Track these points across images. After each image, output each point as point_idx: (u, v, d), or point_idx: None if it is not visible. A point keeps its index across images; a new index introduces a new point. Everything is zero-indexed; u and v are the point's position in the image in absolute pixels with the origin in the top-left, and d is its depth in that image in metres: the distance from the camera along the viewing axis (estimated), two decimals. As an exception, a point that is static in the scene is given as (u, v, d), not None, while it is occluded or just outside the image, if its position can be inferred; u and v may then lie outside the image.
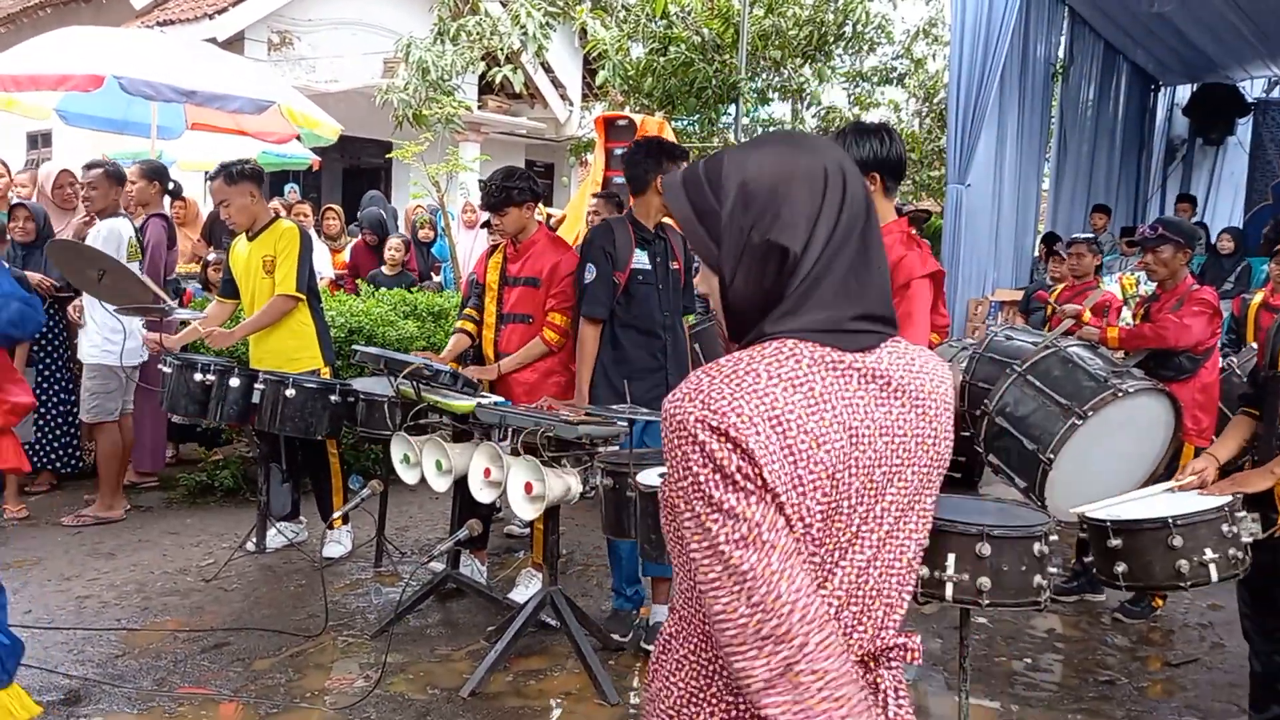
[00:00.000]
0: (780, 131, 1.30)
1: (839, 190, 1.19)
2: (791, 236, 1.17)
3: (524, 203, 4.19)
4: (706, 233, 1.21)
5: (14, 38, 11.81)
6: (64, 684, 3.32)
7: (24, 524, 4.99)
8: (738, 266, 1.19)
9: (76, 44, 6.51)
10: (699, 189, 1.22)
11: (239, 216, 4.58)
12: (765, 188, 1.18)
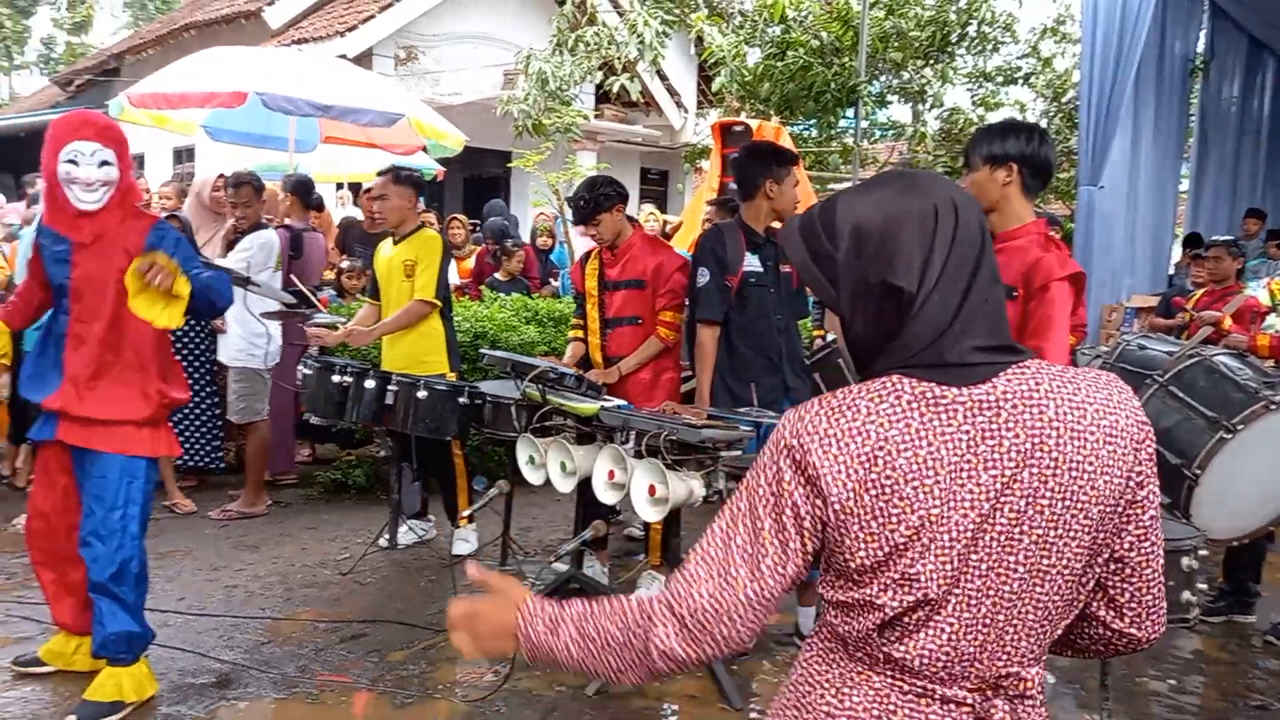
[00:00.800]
0: (892, 172, 1.30)
1: (950, 227, 1.21)
2: (905, 277, 1.20)
3: (613, 207, 4.26)
4: (824, 276, 1.26)
5: (161, 59, 12.56)
6: (215, 667, 3.51)
7: (176, 517, 5.29)
8: (855, 307, 1.24)
9: (221, 63, 6.88)
10: (814, 235, 1.27)
11: (390, 215, 4.78)
12: (877, 230, 1.22)
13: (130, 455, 3.12)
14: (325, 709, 3.26)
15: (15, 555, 4.60)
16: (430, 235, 4.82)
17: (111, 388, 3.10)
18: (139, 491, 3.14)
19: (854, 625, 1.20)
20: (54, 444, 3.20)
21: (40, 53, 32.52)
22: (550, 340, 6.35)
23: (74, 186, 3.04)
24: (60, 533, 3.22)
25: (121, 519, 3.10)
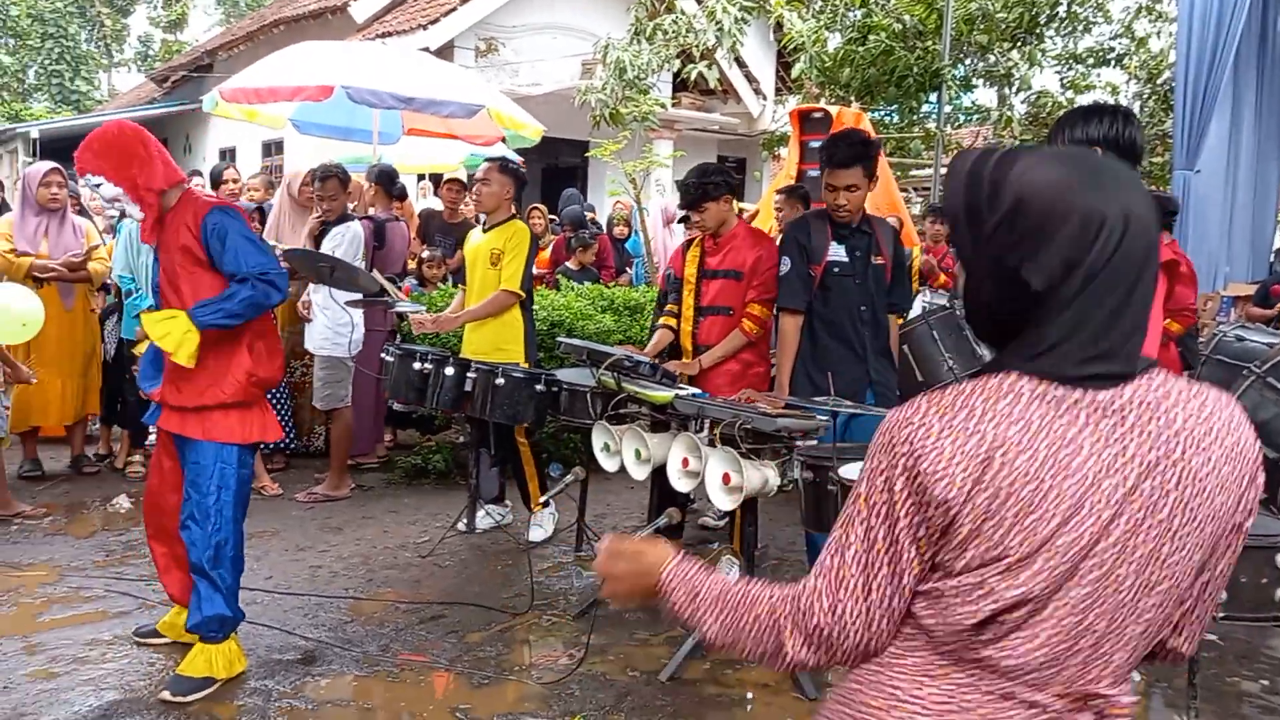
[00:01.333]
0: (1087, 154, 1.19)
1: (1114, 241, 1.11)
2: (1040, 277, 1.13)
3: (721, 197, 4.23)
4: (969, 230, 1.19)
5: (251, 55, 12.93)
6: (300, 645, 3.63)
7: (263, 500, 5.46)
8: (984, 278, 1.19)
9: (308, 58, 7.06)
10: (977, 186, 1.19)
11: (487, 200, 4.88)
12: (1036, 215, 1.13)
13: (223, 442, 3.24)
14: (405, 687, 3.34)
15: (115, 533, 4.81)
16: (520, 226, 4.91)
17: (204, 376, 3.22)
18: (232, 476, 3.26)
19: (946, 619, 1.16)
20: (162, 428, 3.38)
21: (138, 50, 33.76)
22: (626, 329, 6.38)
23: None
24: (167, 511, 3.37)
25: (216, 503, 3.23)
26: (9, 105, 27.50)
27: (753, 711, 3.28)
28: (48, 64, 29.50)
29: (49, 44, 29.39)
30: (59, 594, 4.03)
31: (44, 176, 5.47)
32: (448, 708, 3.21)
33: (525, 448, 4.96)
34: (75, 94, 29.63)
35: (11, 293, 4.69)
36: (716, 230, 4.31)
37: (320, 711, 3.15)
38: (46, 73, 29.60)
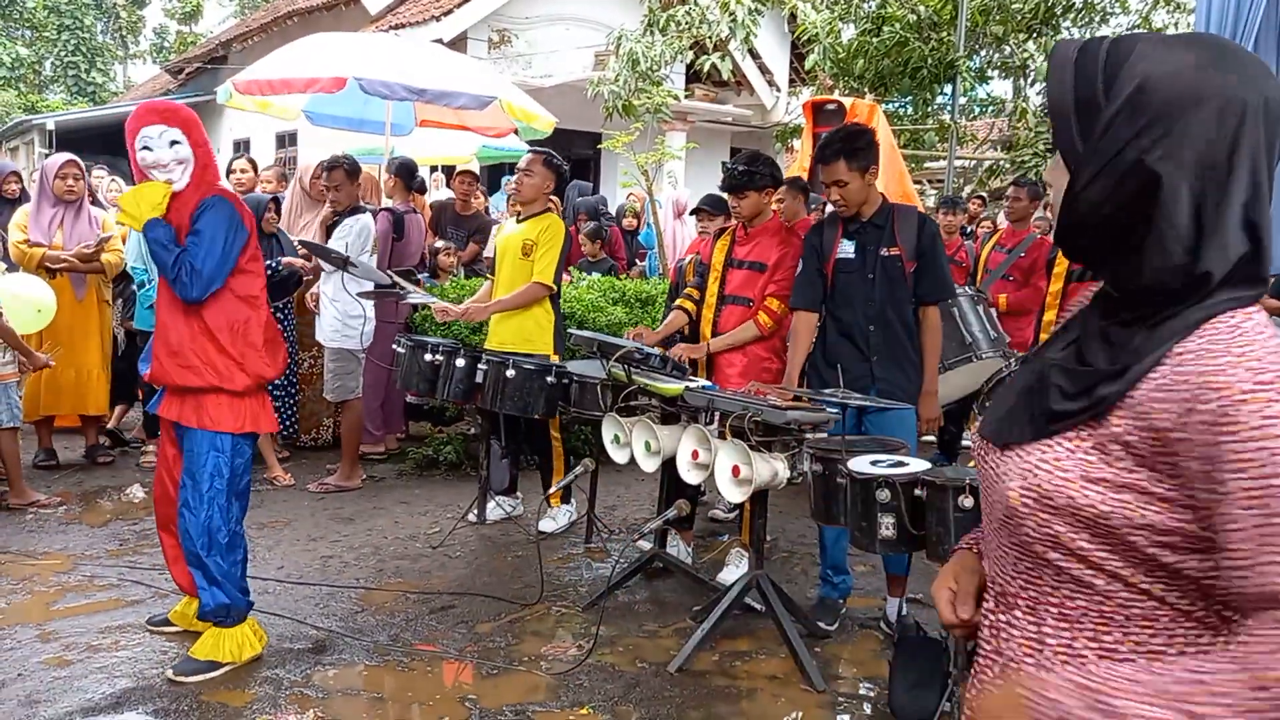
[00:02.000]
0: (1212, 37, 1.04)
1: (1256, 130, 1.03)
2: (1173, 167, 1.03)
3: (764, 188, 4.22)
4: (1077, 123, 1.09)
5: (265, 46, 12.97)
6: (311, 634, 3.65)
7: (275, 490, 5.49)
8: (1097, 176, 1.08)
9: (321, 50, 7.06)
10: (1091, 75, 1.09)
11: (527, 190, 4.88)
12: (1164, 100, 1.03)
13: (216, 431, 3.26)
14: (415, 676, 3.36)
15: (129, 523, 4.85)
16: (555, 220, 4.93)
17: (196, 358, 3.24)
18: (225, 465, 3.27)
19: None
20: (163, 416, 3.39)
21: (153, 42, 33.90)
22: (637, 321, 6.38)
23: (154, 171, 3.19)
24: (172, 500, 3.39)
25: (209, 490, 3.24)
26: (25, 97, 27.67)
27: (761, 703, 3.28)
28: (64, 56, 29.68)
29: (65, 36, 29.56)
30: (73, 582, 4.06)
31: (60, 168, 5.50)
32: (457, 697, 3.23)
33: (558, 443, 4.96)
34: (91, 85, 29.81)
35: (25, 281, 4.74)
36: (750, 220, 4.29)
37: (330, 700, 3.17)
38: (62, 64, 29.77)
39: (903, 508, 2.82)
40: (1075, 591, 1.12)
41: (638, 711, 3.17)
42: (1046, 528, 1.10)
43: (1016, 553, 1.17)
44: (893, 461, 2.98)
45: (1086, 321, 1.19)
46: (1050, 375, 1.16)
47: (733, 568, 4.29)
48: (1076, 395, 1.11)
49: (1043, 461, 1.11)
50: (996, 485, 1.18)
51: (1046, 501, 1.09)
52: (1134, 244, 1.09)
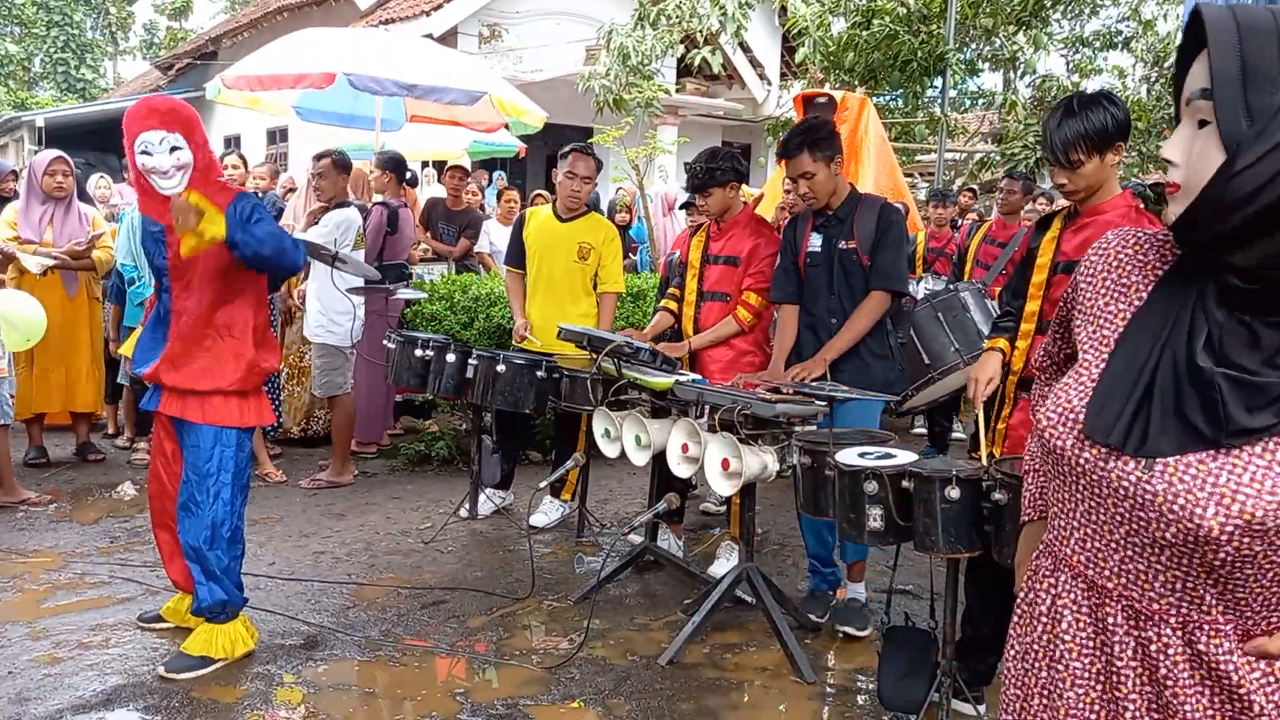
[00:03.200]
0: None
1: None
2: None
3: (727, 183, 4.23)
4: (1243, 98, 1.02)
5: (256, 41, 12.93)
6: (303, 629, 3.65)
7: (267, 486, 5.49)
8: (1265, 155, 1.00)
9: (311, 45, 7.04)
10: (1263, 41, 1.02)
11: (587, 196, 4.93)
12: None
13: (222, 425, 3.26)
14: (407, 671, 3.36)
15: (120, 520, 4.84)
16: (610, 225, 5.01)
17: (205, 358, 3.25)
18: (230, 459, 3.28)
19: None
20: (160, 412, 3.38)
21: (143, 38, 33.75)
22: (628, 315, 6.38)
23: (153, 176, 3.15)
24: (170, 496, 3.39)
25: (215, 484, 3.25)
26: (15, 94, 27.54)
27: (752, 695, 3.29)
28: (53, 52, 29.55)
29: (54, 32, 29.43)
30: (64, 580, 4.06)
31: (49, 165, 5.49)
32: (449, 692, 3.23)
33: (583, 437, 4.94)
34: (81, 82, 29.68)
35: (20, 303, 4.69)
36: (721, 216, 4.31)
37: (321, 695, 3.18)
38: (52, 61, 29.64)
39: (890, 499, 2.83)
40: (1246, 603, 1.09)
41: (629, 704, 3.18)
42: (1247, 549, 1.05)
43: (1179, 572, 1.11)
44: (881, 453, 2.99)
45: (1203, 314, 1.11)
46: (1212, 381, 1.07)
47: (723, 560, 4.30)
48: (1264, 408, 1.04)
49: (1242, 484, 1.04)
50: (1153, 503, 1.10)
51: (1257, 527, 1.03)
52: (1274, 234, 1.02)
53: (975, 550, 2.73)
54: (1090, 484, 1.17)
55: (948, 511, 2.69)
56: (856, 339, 3.75)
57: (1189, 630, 1.13)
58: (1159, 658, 1.14)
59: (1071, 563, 1.21)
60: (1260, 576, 1.08)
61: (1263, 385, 1.04)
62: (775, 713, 3.20)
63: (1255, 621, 1.11)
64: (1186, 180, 1.08)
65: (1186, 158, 1.08)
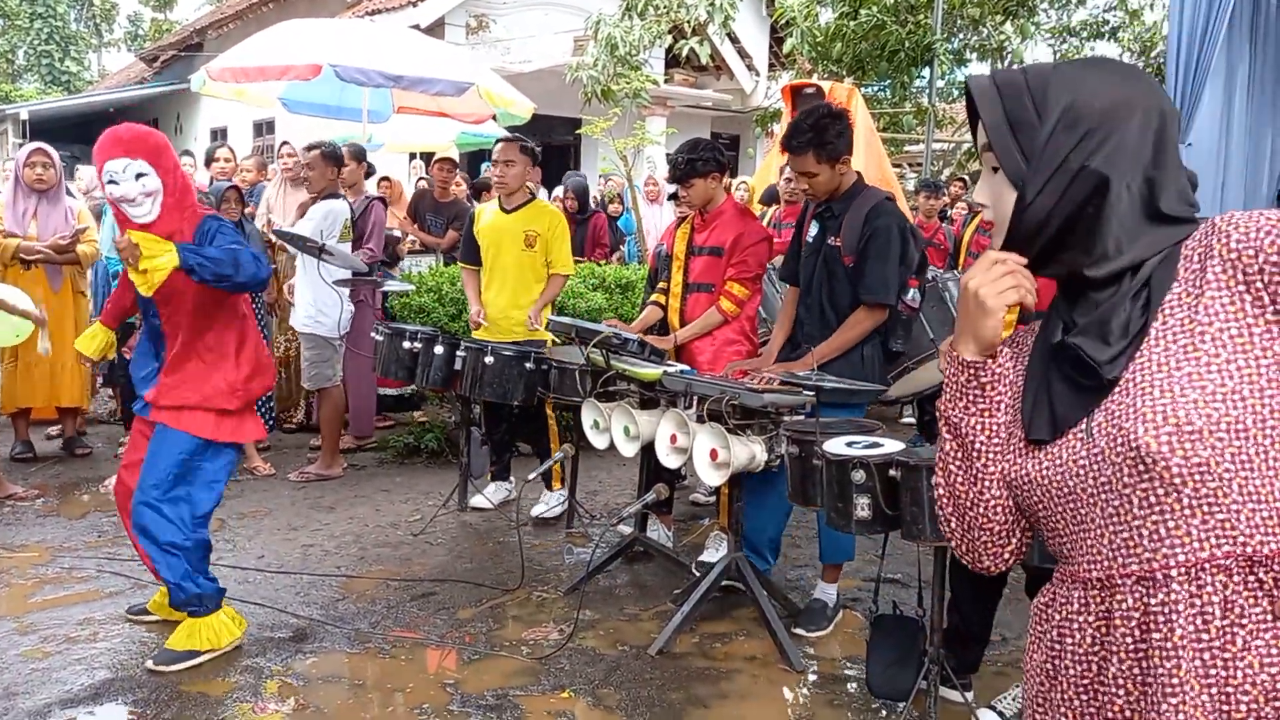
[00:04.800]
0: (1110, 60, 1.31)
1: (1174, 133, 1.21)
2: (1115, 169, 1.18)
3: (709, 174, 4.22)
4: (1016, 145, 1.22)
5: (241, 33, 12.85)
6: (292, 622, 3.65)
7: (256, 479, 5.48)
8: (1045, 185, 1.20)
9: (296, 36, 7.00)
10: (1017, 99, 1.22)
11: (513, 181, 4.89)
12: (1097, 112, 1.19)
13: (192, 434, 3.26)
14: (396, 663, 3.37)
15: (107, 515, 4.82)
16: (553, 210, 5.02)
17: (195, 379, 3.26)
18: (194, 469, 3.28)
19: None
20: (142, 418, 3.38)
21: (127, 30, 33.51)
22: (617, 306, 6.39)
23: (123, 204, 3.11)
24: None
25: (170, 492, 3.24)
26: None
27: (741, 684, 3.31)
28: (37, 44, 29.31)
29: (38, 24, 29.19)
30: (51, 574, 4.05)
31: (29, 157, 5.45)
32: (439, 683, 3.24)
33: (553, 422, 4.95)
34: (65, 74, 29.45)
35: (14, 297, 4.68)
36: (704, 207, 4.31)
37: (311, 688, 3.18)
38: (36, 53, 29.41)
39: (878, 489, 2.84)
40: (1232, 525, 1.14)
41: (618, 694, 3.19)
42: (1195, 456, 1.12)
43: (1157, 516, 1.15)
44: (868, 443, 3.00)
45: (1059, 317, 1.28)
46: (1069, 346, 1.23)
47: (713, 550, 4.31)
48: (1112, 337, 1.21)
49: (1157, 400, 1.15)
50: (1107, 459, 1.17)
51: (1188, 428, 1.12)
52: (1082, 238, 1.22)
53: (962, 538, 2.74)
54: (1054, 485, 1.24)
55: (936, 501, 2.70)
56: (839, 352, 3.66)
57: (1194, 577, 1.15)
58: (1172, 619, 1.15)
59: (1080, 576, 1.25)
60: (1229, 490, 1.13)
61: (1096, 320, 1.22)
62: (764, 701, 3.21)
63: (1255, 545, 1.13)
64: (995, 216, 1.28)
65: (991, 199, 1.28)
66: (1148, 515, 1.17)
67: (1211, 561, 1.14)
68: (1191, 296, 1.18)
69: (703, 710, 3.12)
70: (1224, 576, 1.14)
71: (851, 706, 3.19)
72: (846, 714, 3.14)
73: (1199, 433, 1.12)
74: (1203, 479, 1.13)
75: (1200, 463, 1.12)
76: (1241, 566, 1.14)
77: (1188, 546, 1.15)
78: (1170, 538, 1.16)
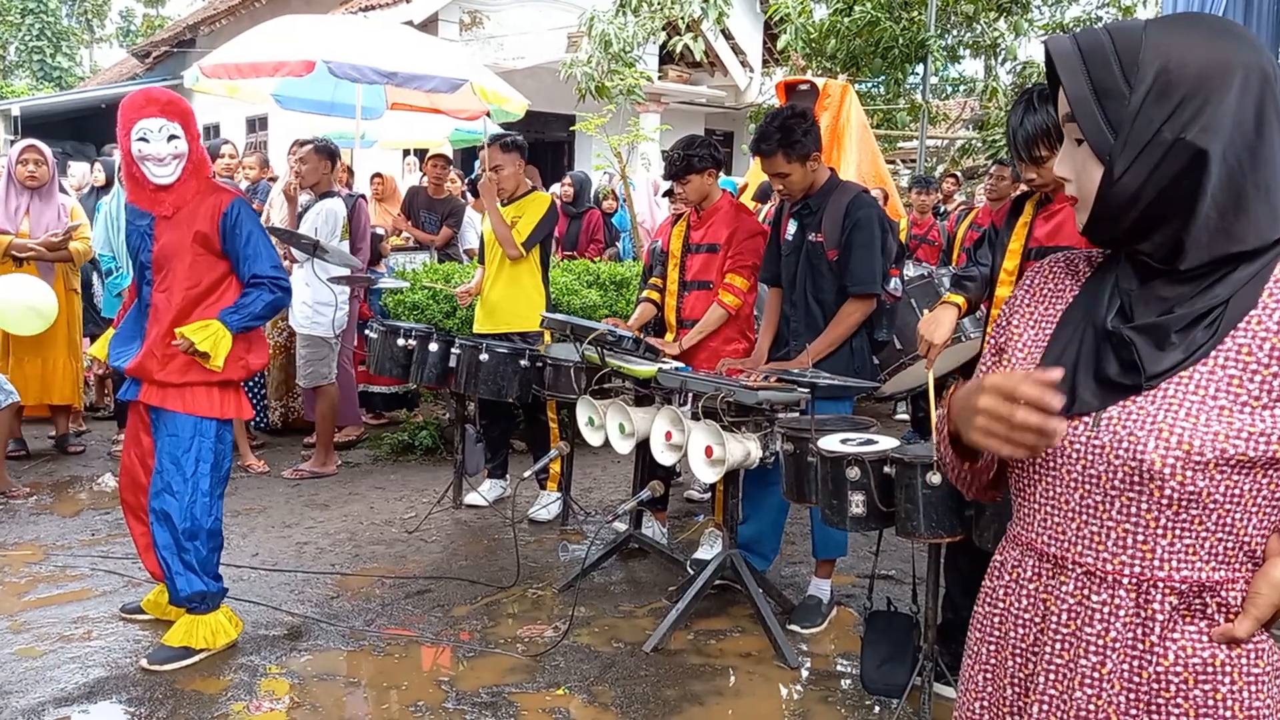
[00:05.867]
0: (1210, 15, 1.12)
1: (1276, 96, 1.10)
2: (1213, 139, 1.08)
3: (705, 170, 4.22)
4: (1103, 116, 1.12)
5: (234, 28, 12.80)
6: (287, 620, 3.64)
7: (250, 477, 5.47)
8: (1136, 159, 1.11)
9: (290, 32, 6.97)
10: (1104, 65, 1.12)
11: (508, 182, 4.88)
12: (1192, 77, 1.08)
13: (201, 415, 3.24)
14: (391, 661, 3.37)
15: (100, 513, 4.81)
16: (542, 195, 4.98)
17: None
18: (210, 450, 3.27)
19: None
20: (138, 404, 3.36)
21: (119, 26, 33.36)
22: (612, 304, 6.38)
23: (148, 163, 3.15)
24: (143, 488, 3.37)
25: (194, 475, 3.23)
26: (-11, 82, 27.19)
27: (736, 681, 3.31)
28: (28, 40, 29.14)
29: (29, 20, 29.03)
30: (45, 573, 4.04)
31: (20, 154, 5.43)
32: (434, 681, 3.24)
33: (556, 424, 4.95)
34: (57, 70, 29.30)
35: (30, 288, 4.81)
36: (699, 204, 4.30)
37: (306, 686, 3.17)
38: (27, 49, 29.24)
39: (872, 485, 2.84)
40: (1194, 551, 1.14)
41: (614, 691, 3.19)
42: (1191, 485, 1.11)
43: (1130, 525, 1.15)
44: (863, 439, 3.00)
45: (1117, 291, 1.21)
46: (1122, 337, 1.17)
47: (707, 547, 4.31)
48: (1172, 347, 1.14)
49: (1179, 419, 1.11)
50: (1102, 454, 1.16)
51: (1196, 457, 1.10)
52: (1174, 217, 1.12)
53: (957, 535, 2.75)
54: (1047, 464, 1.23)
55: (929, 497, 2.71)
56: (833, 346, 3.68)
57: (1143, 590, 1.16)
58: (1109, 619, 1.18)
59: (1035, 545, 1.26)
60: (1206, 519, 1.13)
61: (1163, 324, 1.14)
62: (759, 698, 3.22)
63: (1207, 571, 1.15)
64: (1079, 192, 1.19)
65: (1075, 173, 1.19)
66: (1122, 521, 1.17)
67: (1166, 582, 1.15)
68: (1265, 330, 1.11)
69: (698, 707, 3.13)
70: (1174, 598, 1.15)
71: (846, 703, 3.19)
72: (841, 710, 3.15)
73: (1205, 465, 1.10)
74: (1189, 506, 1.12)
75: (1195, 491, 1.12)
76: (1192, 590, 1.15)
77: (1148, 562, 1.15)
78: (1135, 548, 1.16)
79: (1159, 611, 1.16)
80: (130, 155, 3.17)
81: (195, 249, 3.21)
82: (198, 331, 3.17)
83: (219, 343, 3.18)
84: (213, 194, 3.25)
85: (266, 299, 3.27)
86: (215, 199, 3.24)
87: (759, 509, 3.90)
